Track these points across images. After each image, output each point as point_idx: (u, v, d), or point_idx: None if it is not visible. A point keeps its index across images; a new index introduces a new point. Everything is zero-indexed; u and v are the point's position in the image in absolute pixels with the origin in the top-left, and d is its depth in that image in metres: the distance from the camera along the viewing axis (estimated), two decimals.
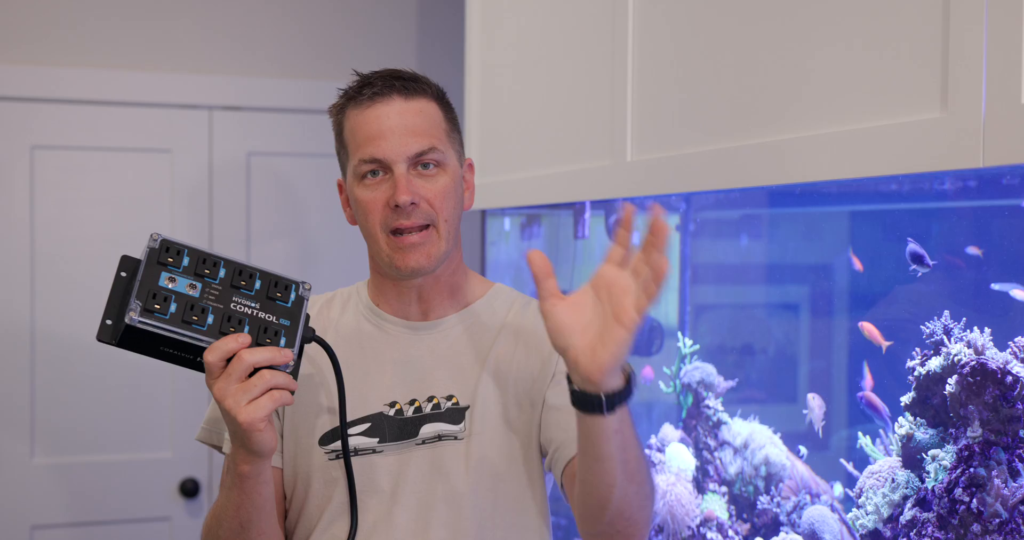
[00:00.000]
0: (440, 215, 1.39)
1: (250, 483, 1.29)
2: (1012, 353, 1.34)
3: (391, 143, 1.38)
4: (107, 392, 2.94)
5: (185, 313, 1.22)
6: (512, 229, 2.64)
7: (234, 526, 1.33)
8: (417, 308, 1.47)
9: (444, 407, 1.41)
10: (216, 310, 1.24)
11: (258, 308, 1.27)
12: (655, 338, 2.13)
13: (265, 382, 1.21)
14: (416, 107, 1.41)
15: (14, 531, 2.85)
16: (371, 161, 1.38)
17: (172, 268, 1.24)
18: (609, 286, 1.13)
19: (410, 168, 1.38)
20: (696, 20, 1.67)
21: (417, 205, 1.37)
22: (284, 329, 1.27)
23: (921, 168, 1.23)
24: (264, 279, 1.29)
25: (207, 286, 1.25)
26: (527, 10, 2.23)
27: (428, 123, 1.41)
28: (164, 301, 1.22)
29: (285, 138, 3.11)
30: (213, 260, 1.27)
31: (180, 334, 1.22)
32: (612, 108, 1.87)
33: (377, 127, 1.38)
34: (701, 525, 1.93)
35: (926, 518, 1.44)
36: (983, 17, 1.14)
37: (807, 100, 1.43)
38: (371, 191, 1.39)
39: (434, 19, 3.22)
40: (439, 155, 1.40)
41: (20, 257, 2.87)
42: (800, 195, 1.76)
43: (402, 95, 1.40)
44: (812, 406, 1.66)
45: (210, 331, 1.23)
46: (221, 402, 1.21)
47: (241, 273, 1.28)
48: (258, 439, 1.22)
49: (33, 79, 2.87)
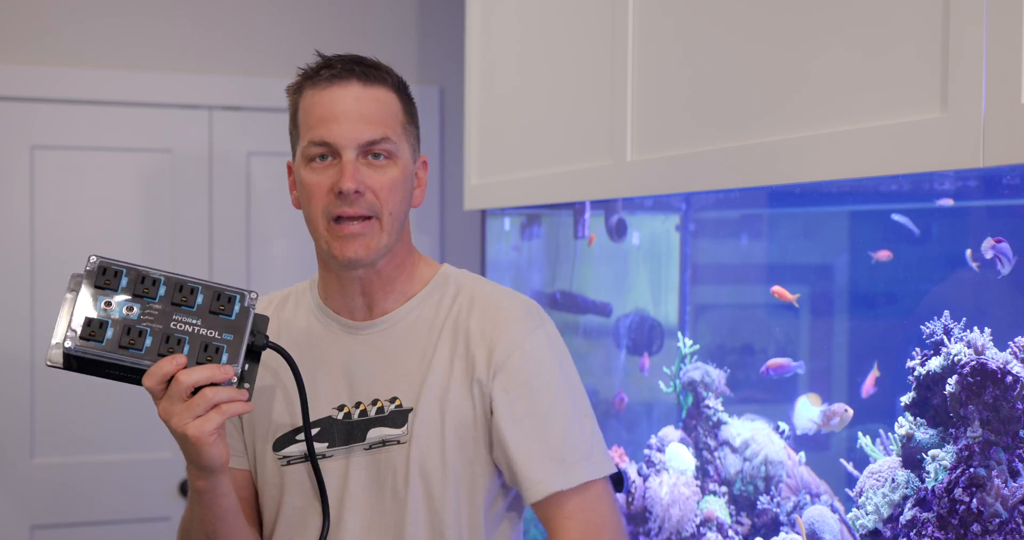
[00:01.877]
0: (385, 208, 1.34)
1: (208, 497, 1.29)
2: (1012, 353, 1.34)
3: (343, 128, 1.33)
4: (107, 392, 2.93)
5: (122, 338, 1.21)
6: (512, 229, 2.64)
7: (201, 536, 1.36)
8: (361, 303, 1.42)
9: (388, 410, 1.38)
10: (155, 331, 1.22)
11: (199, 325, 1.24)
12: (655, 338, 2.13)
13: (207, 400, 1.20)
14: (374, 94, 1.35)
15: (14, 531, 2.85)
16: (320, 144, 1.34)
17: (109, 290, 1.23)
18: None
19: (360, 156, 1.34)
20: (696, 20, 1.67)
21: (362, 194, 1.32)
22: (227, 344, 1.24)
23: (921, 168, 1.23)
24: (206, 293, 1.25)
25: (146, 307, 1.23)
26: (527, 10, 2.23)
27: (384, 112, 1.36)
28: (100, 327, 1.21)
29: (285, 138, 3.09)
30: (152, 278, 1.24)
31: (118, 360, 1.22)
32: (612, 108, 1.87)
33: (331, 110, 1.34)
34: (701, 525, 1.93)
35: (926, 518, 1.44)
36: (983, 17, 1.14)
37: (807, 100, 1.43)
38: (317, 175, 1.34)
39: (434, 19, 3.22)
40: (391, 146, 1.35)
41: (20, 257, 2.87)
42: (800, 195, 1.76)
43: (361, 81, 1.35)
44: (836, 411, 1.64)
45: (148, 354, 1.22)
46: (167, 422, 1.21)
47: (182, 289, 1.25)
48: (208, 454, 1.23)
49: (33, 79, 2.87)
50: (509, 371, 1.36)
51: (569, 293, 2.39)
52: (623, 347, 2.21)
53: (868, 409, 1.59)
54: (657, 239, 2.17)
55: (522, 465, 1.35)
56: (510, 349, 1.37)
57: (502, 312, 1.40)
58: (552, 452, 1.35)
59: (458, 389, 1.38)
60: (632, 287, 2.22)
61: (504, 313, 1.40)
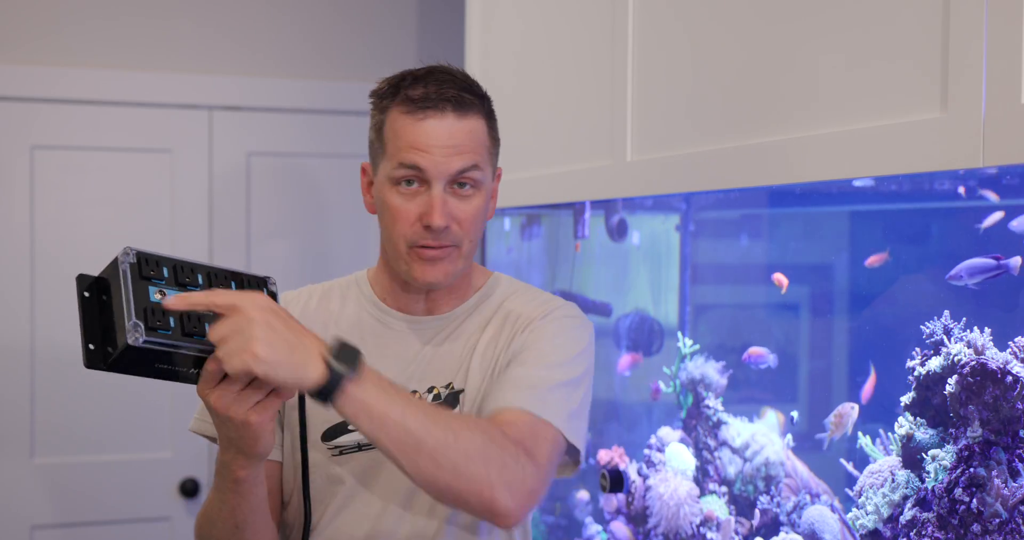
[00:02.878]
0: (467, 237, 1.38)
1: (246, 486, 1.27)
2: (1012, 353, 1.34)
3: (436, 159, 1.34)
4: (107, 392, 2.94)
5: (185, 325, 1.17)
6: (512, 229, 2.64)
7: (229, 527, 1.32)
8: (423, 306, 1.46)
9: (443, 395, 1.42)
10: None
11: None
12: (655, 338, 2.13)
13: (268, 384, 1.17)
14: (467, 127, 1.36)
15: (14, 531, 2.85)
16: (411, 167, 1.34)
17: (157, 281, 1.20)
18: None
19: (447, 185, 1.36)
20: (696, 20, 1.67)
21: (448, 228, 1.35)
22: None
23: (921, 168, 1.23)
24: (237, 280, 1.25)
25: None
26: (527, 10, 2.23)
27: (474, 143, 1.37)
28: (164, 315, 1.16)
29: (285, 138, 3.11)
30: (190, 267, 1.22)
31: (185, 348, 1.16)
32: (612, 108, 1.87)
33: (425, 140, 1.34)
34: (701, 525, 1.93)
35: (926, 518, 1.44)
36: (983, 17, 1.14)
37: (807, 100, 1.43)
38: (404, 200, 1.36)
39: (434, 19, 3.22)
40: (478, 174, 1.37)
41: (20, 257, 2.87)
42: (800, 195, 1.76)
43: (455, 112, 1.35)
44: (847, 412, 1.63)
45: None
46: (224, 411, 1.15)
47: (216, 277, 1.23)
48: (265, 440, 1.19)
49: (33, 79, 2.87)
50: (531, 330, 1.40)
51: (569, 293, 2.39)
52: (623, 347, 2.21)
53: (868, 409, 1.59)
54: (657, 239, 2.17)
55: (498, 393, 1.33)
56: (540, 317, 1.41)
57: (542, 296, 1.48)
58: (532, 385, 1.33)
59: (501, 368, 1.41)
60: (632, 287, 2.22)
61: (544, 298, 1.47)
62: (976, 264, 1.43)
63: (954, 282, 1.43)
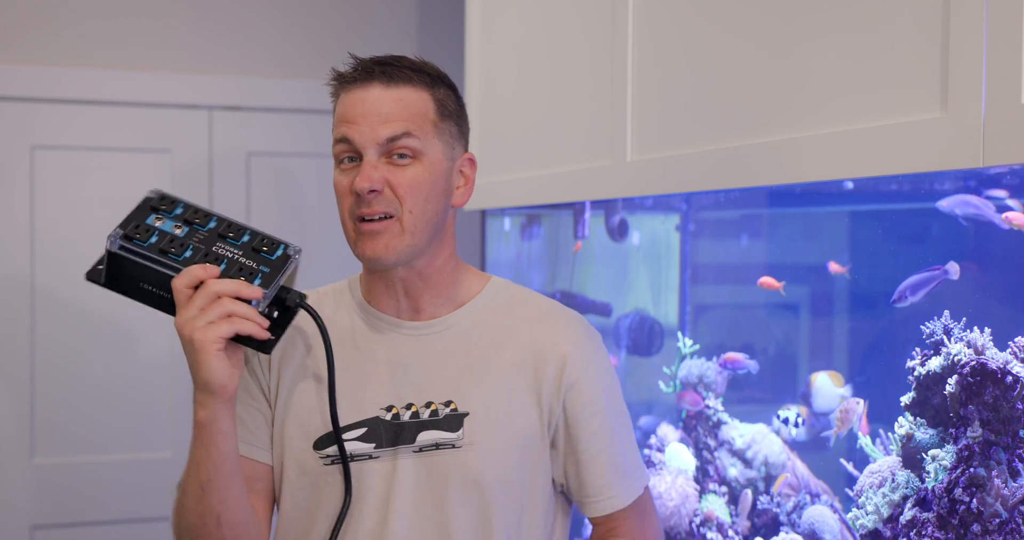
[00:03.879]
0: (404, 206, 1.34)
1: (207, 432, 1.26)
2: (1012, 353, 1.34)
3: (362, 127, 1.34)
4: (107, 392, 2.94)
5: (164, 244, 1.24)
6: (512, 229, 2.64)
7: (195, 489, 1.31)
8: (406, 305, 1.42)
9: (442, 413, 1.38)
10: (196, 248, 1.25)
11: (240, 254, 1.27)
12: (655, 338, 2.13)
13: (224, 307, 1.20)
14: (396, 95, 1.35)
15: (14, 531, 2.85)
16: (342, 141, 1.36)
17: (163, 213, 1.27)
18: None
19: (383, 156, 1.34)
20: (696, 20, 1.67)
21: (379, 192, 1.33)
22: (262, 274, 1.26)
23: (921, 168, 1.23)
24: (253, 235, 1.29)
25: (194, 231, 1.26)
26: (527, 10, 2.24)
27: (407, 111, 1.35)
28: (146, 232, 1.23)
29: (285, 138, 3.11)
30: (206, 213, 1.28)
31: (155, 262, 1.23)
32: (612, 108, 1.87)
33: (352, 111, 1.35)
34: (701, 525, 1.93)
35: (926, 518, 1.44)
36: (983, 17, 1.14)
37: (807, 100, 1.43)
38: (343, 176, 1.36)
39: (434, 19, 3.22)
40: (414, 142, 1.35)
41: (20, 257, 2.87)
42: (800, 195, 1.76)
43: (382, 82, 1.36)
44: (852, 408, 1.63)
45: (185, 262, 1.23)
46: (180, 329, 1.20)
47: (231, 226, 1.29)
48: (210, 364, 1.21)
49: (33, 79, 2.87)
50: (582, 388, 1.41)
51: (569, 293, 2.39)
52: (623, 347, 2.21)
53: (869, 409, 1.59)
54: (657, 239, 2.17)
55: (594, 479, 1.43)
56: (583, 366, 1.42)
57: (569, 328, 1.45)
58: (621, 467, 1.45)
59: (523, 398, 1.40)
60: (632, 287, 2.22)
61: (570, 330, 1.45)
62: (916, 280, 1.47)
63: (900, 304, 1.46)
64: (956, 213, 1.44)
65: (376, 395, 1.39)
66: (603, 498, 1.44)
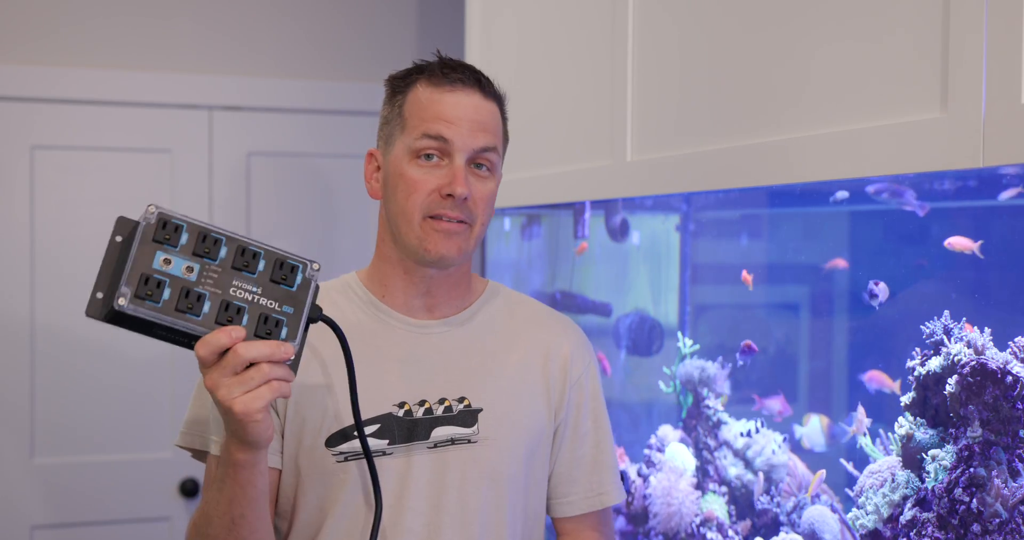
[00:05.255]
0: (479, 218, 1.39)
1: (245, 473, 1.23)
2: (1012, 353, 1.34)
3: (462, 130, 1.36)
4: (107, 392, 2.94)
5: (179, 301, 1.13)
6: (512, 229, 2.64)
7: (225, 523, 1.27)
8: (422, 303, 1.43)
9: (456, 409, 1.40)
10: (213, 296, 1.15)
11: (259, 293, 1.18)
12: (655, 338, 2.13)
13: (263, 375, 1.14)
14: (490, 108, 1.41)
15: (14, 531, 2.85)
16: (437, 138, 1.35)
17: (169, 247, 1.14)
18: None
19: (467, 162, 1.37)
20: (696, 20, 1.67)
21: (468, 200, 1.36)
22: (287, 318, 1.18)
23: (921, 168, 1.23)
24: (268, 259, 1.19)
25: (205, 268, 1.15)
26: (527, 10, 2.23)
27: (495, 127, 1.41)
28: (157, 287, 1.12)
29: (285, 138, 3.11)
30: (214, 237, 1.16)
31: (173, 323, 1.13)
32: (612, 108, 1.87)
33: (453, 111, 1.37)
34: (701, 525, 1.93)
35: (926, 518, 1.44)
36: (983, 17, 1.14)
37: (807, 100, 1.43)
38: (423, 172, 1.36)
39: (434, 19, 3.22)
40: (495, 158, 1.40)
41: (20, 257, 2.87)
42: (800, 195, 1.76)
43: (481, 92, 1.40)
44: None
45: (205, 321, 1.14)
46: (213, 393, 1.14)
47: (244, 252, 1.18)
48: (254, 430, 1.16)
49: (33, 79, 2.87)
50: (582, 389, 1.50)
51: (569, 293, 2.39)
52: (623, 347, 2.21)
53: (869, 408, 1.59)
54: (657, 239, 2.17)
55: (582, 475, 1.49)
56: (583, 367, 1.50)
57: (569, 331, 1.53)
58: (609, 466, 1.51)
59: (531, 396, 1.45)
60: (632, 287, 2.22)
61: (570, 332, 1.53)
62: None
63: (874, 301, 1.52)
64: (880, 199, 1.53)
65: (388, 392, 1.40)
66: (592, 495, 1.49)
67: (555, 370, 1.47)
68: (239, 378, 1.14)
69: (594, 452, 1.50)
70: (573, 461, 1.49)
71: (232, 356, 1.13)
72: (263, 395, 1.14)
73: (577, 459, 1.49)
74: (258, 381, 1.14)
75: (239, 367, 1.14)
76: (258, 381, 1.14)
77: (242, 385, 1.13)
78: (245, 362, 1.14)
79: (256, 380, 1.14)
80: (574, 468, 1.49)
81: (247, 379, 1.13)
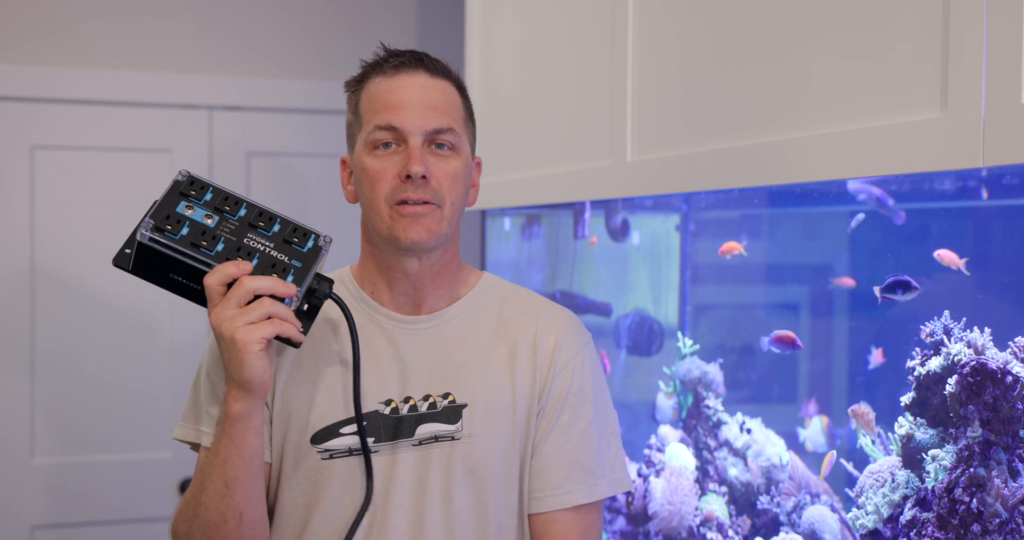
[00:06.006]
0: (447, 197, 1.36)
1: (239, 428, 1.25)
2: (1012, 353, 1.34)
3: (411, 114, 1.35)
4: (107, 392, 2.94)
5: (195, 237, 1.23)
6: (512, 229, 2.64)
7: (219, 486, 1.28)
8: (410, 298, 1.43)
9: (440, 406, 1.38)
10: (228, 241, 1.24)
11: (272, 247, 1.26)
12: (655, 338, 2.13)
13: (264, 308, 1.21)
14: (440, 85, 1.39)
15: (14, 531, 2.85)
16: (387, 128, 1.35)
17: (193, 199, 1.25)
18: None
19: (425, 144, 1.36)
20: (696, 20, 1.67)
21: (427, 180, 1.34)
22: (294, 269, 1.26)
23: (921, 168, 1.23)
24: (284, 224, 1.29)
25: (224, 220, 1.26)
26: (527, 10, 2.24)
27: (449, 103, 1.38)
28: (177, 223, 1.22)
29: (285, 138, 3.11)
30: (236, 199, 1.28)
31: (186, 256, 1.22)
32: (612, 108, 1.87)
33: (399, 96, 1.36)
34: (701, 525, 1.93)
35: (926, 518, 1.44)
36: (983, 17, 1.14)
37: (807, 100, 1.43)
38: (382, 161, 1.35)
39: (434, 19, 3.22)
40: (455, 138, 1.38)
41: (20, 257, 2.87)
42: (800, 195, 1.76)
43: (428, 71, 1.38)
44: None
45: (217, 257, 1.23)
46: (217, 327, 1.20)
47: (262, 215, 1.28)
48: (251, 363, 1.21)
49: (33, 79, 2.87)
50: (565, 379, 1.43)
51: (569, 293, 2.39)
52: (623, 347, 2.21)
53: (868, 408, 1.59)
54: (657, 239, 2.17)
55: (552, 471, 1.41)
56: (569, 358, 1.44)
57: (559, 322, 1.47)
58: (586, 465, 1.42)
59: (519, 389, 1.42)
60: (632, 287, 2.22)
61: (560, 323, 1.47)
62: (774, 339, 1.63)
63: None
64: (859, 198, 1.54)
65: (375, 389, 1.39)
66: (558, 491, 1.40)
67: (541, 359, 1.43)
68: (242, 310, 1.20)
69: (569, 447, 1.41)
70: (545, 455, 1.41)
71: (237, 286, 1.21)
72: (264, 327, 1.21)
73: (550, 454, 1.41)
74: (260, 313, 1.21)
75: (243, 299, 1.21)
76: (260, 313, 1.21)
77: (244, 316, 1.20)
78: (249, 293, 1.21)
79: (258, 312, 1.21)
80: (546, 462, 1.41)
81: (249, 311, 1.20)
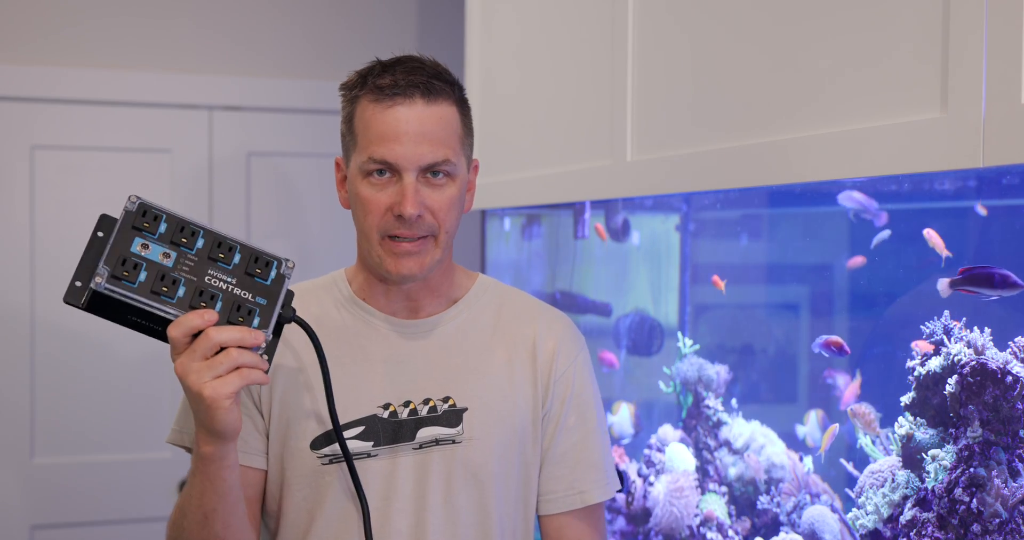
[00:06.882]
0: (443, 225, 1.35)
1: (213, 467, 1.23)
2: (1012, 353, 1.34)
3: (406, 149, 1.31)
4: (107, 392, 2.94)
5: (155, 283, 1.15)
6: (512, 229, 2.64)
7: (197, 517, 1.27)
8: (406, 305, 1.43)
9: (441, 409, 1.39)
10: (188, 282, 1.17)
11: (234, 284, 1.20)
12: (655, 338, 2.13)
13: (232, 360, 1.14)
14: (437, 113, 1.34)
15: (14, 531, 2.85)
16: (381, 162, 1.32)
17: (147, 234, 1.18)
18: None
19: (420, 176, 1.33)
20: (696, 20, 1.67)
21: (422, 217, 1.33)
22: (259, 308, 1.20)
23: (921, 168, 1.23)
24: (244, 253, 1.22)
25: (182, 256, 1.18)
26: (527, 10, 2.23)
27: (446, 132, 1.34)
28: (134, 269, 1.15)
29: (285, 138, 3.11)
30: (192, 229, 1.20)
31: (147, 305, 1.15)
32: (612, 108, 1.87)
33: (394, 130, 1.32)
34: (701, 525, 1.93)
35: (926, 518, 1.44)
36: (983, 17, 1.14)
37: (807, 100, 1.43)
38: (375, 191, 1.33)
39: (434, 19, 3.22)
40: (451, 167, 1.35)
41: (20, 257, 2.87)
42: (800, 195, 1.76)
43: (424, 98, 1.33)
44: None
45: (179, 304, 1.16)
46: (183, 379, 1.14)
47: (220, 245, 1.21)
48: (222, 418, 1.16)
49: (33, 79, 2.87)
50: (567, 383, 1.45)
51: (569, 293, 2.39)
52: (623, 347, 2.21)
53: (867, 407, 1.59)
54: (657, 239, 2.17)
55: (564, 472, 1.44)
56: (568, 362, 1.46)
57: (556, 325, 1.48)
58: (596, 463, 1.45)
59: (519, 392, 1.42)
60: (632, 287, 2.22)
61: (557, 327, 1.48)
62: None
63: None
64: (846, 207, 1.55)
65: (373, 393, 1.39)
66: (573, 492, 1.44)
67: (541, 365, 1.44)
68: (209, 363, 1.15)
69: (578, 448, 1.45)
70: (555, 457, 1.44)
71: (203, 339, 1.15)
72: (232, 381, 1.15)
73: (559, 455, 1.44)
74: (227, 366, 1.15)
75: (209, 351, 1.15)
76: (227, 366, 1.15)
77: (211, 370, 1.14)
78: (215, 346, 1.15)
79: (226, 365, 1.15)
80: (556, 464, 1.45)
81: (216, 364, 1.15)
